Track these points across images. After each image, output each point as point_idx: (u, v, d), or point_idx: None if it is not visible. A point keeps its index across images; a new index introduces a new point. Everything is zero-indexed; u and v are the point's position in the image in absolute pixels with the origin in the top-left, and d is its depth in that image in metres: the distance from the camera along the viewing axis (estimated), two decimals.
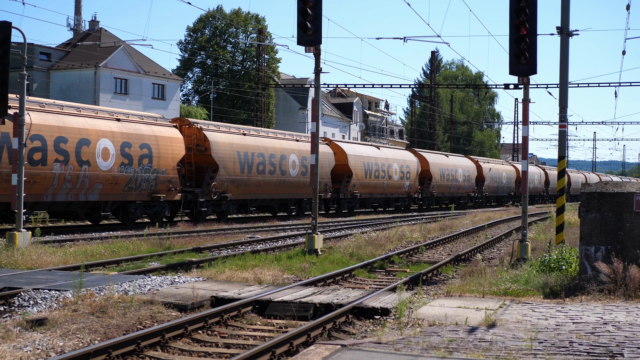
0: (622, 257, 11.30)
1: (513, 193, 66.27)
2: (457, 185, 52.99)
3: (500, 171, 63.49)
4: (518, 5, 15.03)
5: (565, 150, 18.62)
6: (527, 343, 7.91)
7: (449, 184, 51.51)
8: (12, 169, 18.23)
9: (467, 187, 55.28)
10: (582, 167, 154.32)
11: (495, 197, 63.90)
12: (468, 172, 55.47)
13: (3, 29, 16.71)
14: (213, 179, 28.92)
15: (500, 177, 63.06)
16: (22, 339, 8.28)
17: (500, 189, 63.18)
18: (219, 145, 29.43)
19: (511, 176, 65.79)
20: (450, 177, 51.79)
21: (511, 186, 65.64)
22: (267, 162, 32.32)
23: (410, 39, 35.53)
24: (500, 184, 62.99)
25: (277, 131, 36.52)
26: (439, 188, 50.19)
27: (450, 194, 52.82)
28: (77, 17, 74.33)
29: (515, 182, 66.06)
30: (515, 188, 66.20)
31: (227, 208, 30.55)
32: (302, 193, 35.14)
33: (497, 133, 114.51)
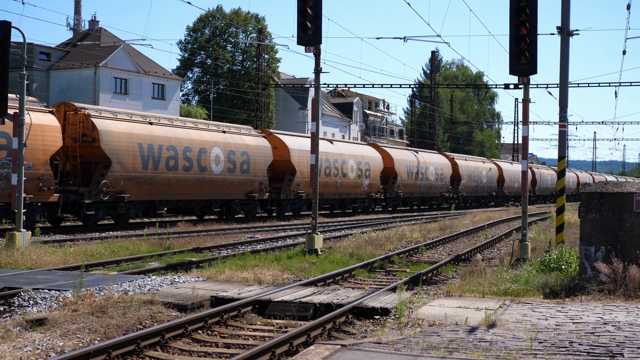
0: (622, 257, 11.30)
1: (495, 193, 62.12)
2: (428, 184, 48.44)
3: (479, 169, 58.51)
4: (518, 5, 15.03)
5: (565, 150, 18.61)
6: (527, 343, 7.90)
7: (417, 183, 46.95)
8: (12, 168, 18.22)
9: (440, 186, 50.63)
10: (582, 167, 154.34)
11: (474, 198, 59.13)
12: (442, 170, 50.72)
13: (3, 29, 16.71)
14: (104, 176, 24.31)
15: (479, 176, 58.11)
16: (22, 338, 8.28)
17: (479, 188, 58.36)
18: (112, 136, 24.60)
19: (492, 175, 61.29)
20: (420, 176, 47.18)
21: (492, 186, 61.27)
22: (180, 157, 27.44)
23: (410, 38, 35.55)
24: (479, 183, 58.10)
25: (198, 121, 31.50)
26: (406, 187, 45.52)
27: (420, 194, 48.18)
28: (77, 17, 74.36)
29: (497, 181, 62.24)
30: (497, 188, 62.27)
31: (127, 211, 25.76)
32: (230, 193, 30.57)
33: (497, 133, 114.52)
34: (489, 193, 60.94)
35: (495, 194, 62.39)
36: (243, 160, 30.98)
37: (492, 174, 61.15)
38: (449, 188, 52.34)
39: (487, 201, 61.29)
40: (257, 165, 31.86)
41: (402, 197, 45.68)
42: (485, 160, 63.75)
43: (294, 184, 34.19)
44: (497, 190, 62.63)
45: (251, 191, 31.50)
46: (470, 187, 56.25)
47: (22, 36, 18.22)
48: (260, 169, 32.07)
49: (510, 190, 65.49)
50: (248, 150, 31.41)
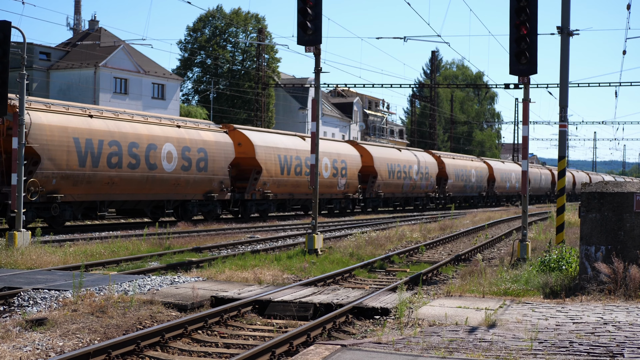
0: (622, 257, 11.30)
1: (485, 193, 58.92)
2: (411, 184, 45.63)
3: (468, 168, 55.23)
4: (518, 4, 15.03)
5: (566, 150, 18.61)
6: (527, 343, 7.90)
7: (400, 182, 43.99)
8: (12, 168, 18.21)
9: (425, 186, 47.75)
10: (582, 167, 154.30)
11: (462, 198, 55.97)
12: (427, 168, 47.76)
13: (3, 28, 16.71)
14: (32, 174, 21.87)
15: (468, 175, 54.82)
16: (22, 338, 8.27)
17: (468, 188, 55.11)
18: (42, 130, 22.19)
19: (482, 174, 58.07)
20: (403, 175, 44.23)
21: (482, 185, 58.11)
22: (125, 153, 24.80)
23: (410, 38, 35.60)
24: (468, 182, 54.88)
25: (147, 114, 28.57)
26: (387, 187, 42.62)
27: (403, 194, 45.36)
28: (77, 17, 74.40)
29: (488, 180, 59.36)
30: (487, 187, 59.41)
31: (61, 212, 23.41)
32: (185, 193, 27.98)
33: (497, 133, 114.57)
34: (478, 193, 57.88)
35: (486, 194, 59.52)
36: (200, 157, 28.28)
37: (482, 173, 58.18)
38: (434, 188, 49.35)
39: (476, 201, 58.29)
40: (217, 162, 29.15)
41: (382, 198, 42.86)
42: (475, 159, 60.88)
43: (260, 183, 31.48)
44: (488, 190, 59.81)
45: (210, 191, 29.01)
46: (457, 187, 53.12)
47: (22, 36, 18.23)
48: (220, 167, 29.39)
49: (502, 190, 63.02)
50: (206, 147, 28.71)
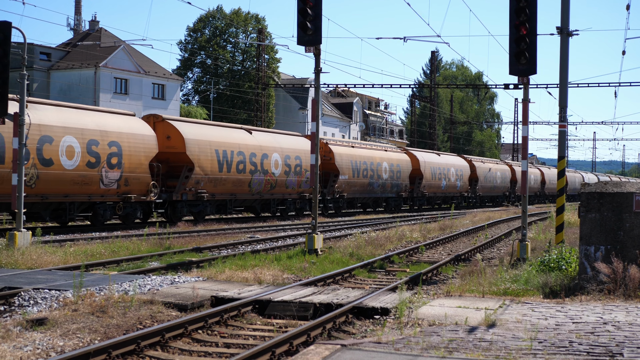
0: (621, 257, 11.31)
1: (467, 193, 55.19)
2: (381, 183, 42.01)
3: (447, 166, 51.41)
4: (518, 5, 15.04)
5: (565, 150, 18.62)
6: (527, 343, 7.91)
7: (365, 182, 40.31)
8: (12, 168, 18.22)
9: (396, 185, 44.03)
10: (582, 167, 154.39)
11: (441, 198, 52.76)
12: (399, 166, 44.14)
13: (3, 29, 16.71)
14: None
15: (446, 174, 51.09)
16: (22, 338, 8.28)
17: (446, 188, 51.35)
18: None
19: (463, 173, 54.25)
20: (370, 173, 40.68)
21: (463, 185, 54.52)
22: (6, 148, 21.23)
23: (410, 39, 35.60)
24: (447, 182, 51.23)
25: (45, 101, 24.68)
26: (352, 187, 38.82)
27: (371, 194, 41.78)
28: (77, 17, 74.36)
29: (470, 179, 55.74)
30: (469, 188, 55.85)
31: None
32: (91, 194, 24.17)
33: (497, 133, 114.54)
34: (460, 193, 54.25)
35: (468, 194, 55.75)
36: (112, 152, 24.73)
37: (463, 173, 54.16)
38: (408, 188, 45.78)
39: (459, 202, 54.67)
40: (134, 158, 25.41)
41: (346, 198, 38.87)
42: (456, 155, 57.73)
43: (192, 181, 27.85)
44: (470, 190, 56.16)
45: (127, 192, 25.47)
46: (434, 186, 49.21)
47: (23, 36, 18.24)
48: (139, 163, 25.60)
49: (486, 191, 59.51)
50: (120, 140, 24.99)
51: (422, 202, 49.15)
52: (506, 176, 64.39)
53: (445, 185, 51.16)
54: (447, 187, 51.63)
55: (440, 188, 50.41)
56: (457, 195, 54.14)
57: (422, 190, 47.82)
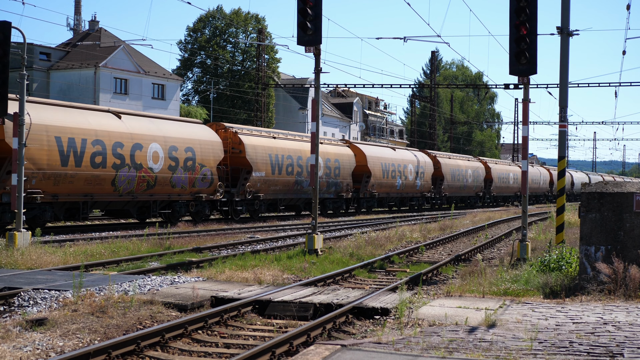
0: (622, 257, 11.30)
1: (430, 194, 49.03)
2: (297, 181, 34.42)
3: (403, 162, 44.56)
4: (518, 5, 15.03)
5: (565, 150, 18.61)
6: (527, 343, 7.90)
7: (289, 179, 33.94)
8: (12, 168, 18.22)
9: (337, 185, 37.44)
10: (582, 167, 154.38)
11: (397, 199, 45.99)
12: (338, 162, 37.45)
13: (3, 29, 16.71)
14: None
15: (402, 172, 44.19)
16: (22, 339, 8.28)
17: (402, 187, 44.37)
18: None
19: (425, 171, 47.56)
20: (297, 170, 34.26)
21: (425, 184, 47.57)
22: None
23: (410, 39, 35.53)
24: (403, 180, 44.38)
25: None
26: (271, 185, 32.41)
27: (299, 194, 35.00)
28: (77, 17, 74.40)
29: (434, 178, 49.49)
30: (432, 187, 49.30)
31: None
32: None
33: (497, 133, 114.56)
34: (421, 194, 47.50)
35: (431, 194, 49.17)
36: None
37: (425, 169, 47.75)
38: (350, 187, 38.72)
39: (419, 203, 48.28)
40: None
41: (262, 199, 32.19)
42: (411, 150, 49.68)
43: None
44: (434, 189, 49.71)
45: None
46: (385, 185, 42.32)
47: (22, 36, 18.24)
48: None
49: (453, 191, 52.78)
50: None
51: (372, 203, 42.00)
52: (479, 174, 57.07)
53: (402, 185, 44.28)
54: (404, 187, 44.70)
55: (394, 188, 43.48)
56: (417, 195, 47.37)
57: (371, 190, 40.69)
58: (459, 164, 54.02)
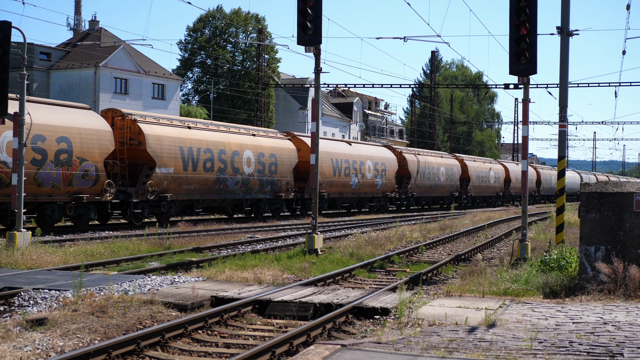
0: (622, 257, 11.31)
1: (394, 194, 43.60)
2: (241, 179, 30.42)
3: (360, 158, 39.60)
4: (518, 5, 15.04)
5: (565, 150, 18.62)
6: (527, 343, 7.91)
7: (209, 177, 28.67)
8: (12, 168, 18.22)
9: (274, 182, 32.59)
10: (582, 167, 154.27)
11: (353, 200, 40.78)
12: (274, 157, 32.56)
13: (3, 28, 16.72)
14: None
15: (359, 169, 39.33)
16: (22, 338, 8.28)
17: (358, 187, 39.37)
18: None
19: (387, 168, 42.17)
20: (219, 166, 29.05)
21: (388, 184, 42.41)
22: None
23: (410, 38, 35.53)
24: (360, 179, 39.41)
25: None
26: (182, 184, 27.35)
27: (223, 194, 29.88)
28: (77, 17, 74.36)
29: (399, 177, 44.63)
30: (397, 186, 44.07)
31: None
32: None
33: (497, 133, 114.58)
34: (382, 194, 42.22)
35: (395, 194, 44.08)
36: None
37: (387, 167, 42.36)
38: (291, 186, 33.84)
39: (381, 204, 42.90)
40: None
41: (170, 200, 27.00)
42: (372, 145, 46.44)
43: None
44: (399, 189, 44.70)
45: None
46: (337, 185, 37.48)
47: (23, 36, 18.25)
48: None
49: (423, 191, 47.55)
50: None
51: (321, 204, 36.57)
52: (454, 173, 51.92)
53: (358, 184, 39.22)
54: (361, 186, 39.63)
55: (348, 187, 38.45)
56: (378, 196, 41.96)
57: (320, 190, 34.70)
58: (429, 160, 48.49)
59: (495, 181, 59.93)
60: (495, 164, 62.89)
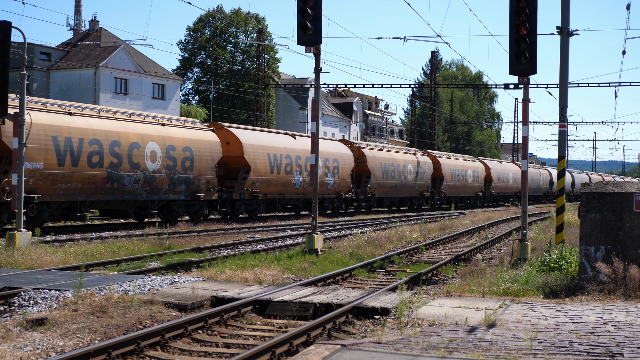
0: (622, 257, 11.31)
1: (350, 194, 38.42)
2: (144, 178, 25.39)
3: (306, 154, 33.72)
4: (518, 5, 15.04)
5: (565, 150, 18.63)
6: (527, 343, 7.91)
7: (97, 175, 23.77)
8: (13, 168, 18.22)
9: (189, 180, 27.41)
10: (582, 167, 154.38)
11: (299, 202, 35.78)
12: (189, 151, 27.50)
13: (3, 29, 16.72)
14: None
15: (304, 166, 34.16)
16: (22, 338, 8.28)
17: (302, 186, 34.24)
18: None
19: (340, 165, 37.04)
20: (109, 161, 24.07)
21: (342, 183, 37.19)
22: None
23: (410, 38, 35.53)
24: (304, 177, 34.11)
25: None
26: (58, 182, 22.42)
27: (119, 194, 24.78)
28: (77, 17, 74.38)
29: (356, 175, 39.33)
30: (353, 186, 38.71)
31: None
32: None
33: (497, 133, 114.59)
34: (336, 194, 37.17)
35: (352, 194, 39.00)
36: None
37: (340, 164, 37.11)
38: (213, 185, 28.87)
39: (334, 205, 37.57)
40: None
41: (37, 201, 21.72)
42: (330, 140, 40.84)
43: None
44: (356, 189, 39.58)
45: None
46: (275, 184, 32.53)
47: (23, 36, 18.24)
48: None
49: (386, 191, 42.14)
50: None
51: (256, 206, 31.71)
52: (425, 171, 46.72)
53: (303, 183, 34.18)
54: (307, 185, 34.34)
55: (290, 187, 33.46)
56: (330, 196, 36.78)
57: (252, 190, 30.85)
58: (395, 157, 43.68)
59: (474, 180, 54.78)
60: (475, 161, 57.62)
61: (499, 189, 60.00)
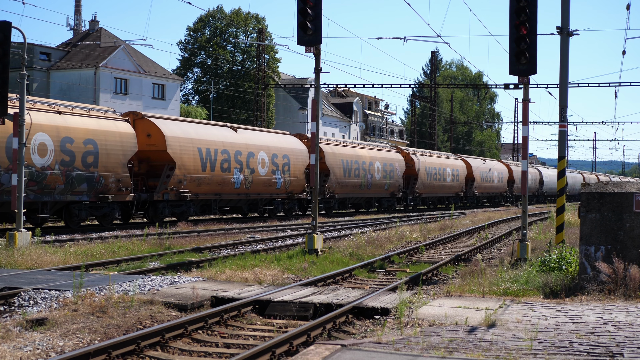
0: (622, 257, 11.30)
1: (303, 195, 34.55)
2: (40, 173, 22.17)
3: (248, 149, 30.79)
4: (518, 5, 15.03)
5: (565, 150, 18.62)
6: (527, 343, 7.90)
7: None
8: (13, 169, 18.22)
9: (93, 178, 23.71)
10: (582, 167, 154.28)
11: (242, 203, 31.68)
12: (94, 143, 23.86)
13: (3, 29, 16.71)
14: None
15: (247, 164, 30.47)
16: (22, 338, 8.28)
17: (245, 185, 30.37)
18: None
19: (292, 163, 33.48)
20: None
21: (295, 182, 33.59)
22: None
23: (410, 38, 35.51)
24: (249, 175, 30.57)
25: None
26: None
27: None
28: (77, 17, 74.42)
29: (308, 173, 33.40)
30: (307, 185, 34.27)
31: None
32: None
33: (497, 133, 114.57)
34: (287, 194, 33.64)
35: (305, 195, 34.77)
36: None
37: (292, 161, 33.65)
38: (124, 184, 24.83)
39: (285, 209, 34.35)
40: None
41: None
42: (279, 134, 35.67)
43: None
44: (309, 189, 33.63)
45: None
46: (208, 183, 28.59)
47: (23, 36, 18.23)
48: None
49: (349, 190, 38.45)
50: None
51: (185, 208, 28.11)
52: (395, 169, 42.89)
53: (245, 182, 30.46)
54: (250, 184, 30.83)
55: (228, 186, 29.65)
56: (279, 197, 33.28)
57: (179, 190, 27.08)
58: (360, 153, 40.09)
59: (453, 179, 51.58)
60: (455, 159, 54.34)
61: (483, 189, 56.63)
